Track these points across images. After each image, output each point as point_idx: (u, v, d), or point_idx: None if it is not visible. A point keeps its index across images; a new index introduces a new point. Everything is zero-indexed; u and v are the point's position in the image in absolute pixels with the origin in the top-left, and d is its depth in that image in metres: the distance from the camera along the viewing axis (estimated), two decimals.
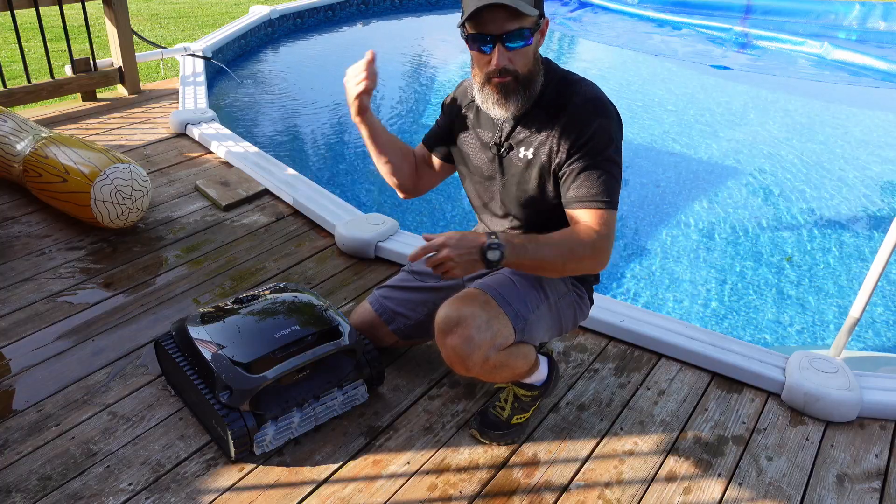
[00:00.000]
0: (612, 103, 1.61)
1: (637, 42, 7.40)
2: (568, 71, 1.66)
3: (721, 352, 2.12)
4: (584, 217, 1.58)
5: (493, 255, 1.49)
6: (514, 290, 1.64)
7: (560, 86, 1.62)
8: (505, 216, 1.79)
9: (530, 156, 1.64)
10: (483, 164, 1.75)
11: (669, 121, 5.16)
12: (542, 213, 1.70)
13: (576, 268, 1.60)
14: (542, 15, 1.54)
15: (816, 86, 6.28)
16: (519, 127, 1.66)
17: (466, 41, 1.55)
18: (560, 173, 1.61)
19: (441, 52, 6.66)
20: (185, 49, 4.90)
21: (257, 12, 6.34)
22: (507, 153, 1.69)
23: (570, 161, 1.58)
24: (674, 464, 1.80)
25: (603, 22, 8.26)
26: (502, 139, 1.68)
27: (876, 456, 1.85)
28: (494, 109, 1.60)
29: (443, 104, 1.85)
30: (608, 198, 1.57)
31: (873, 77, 6.49)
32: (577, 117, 1.57)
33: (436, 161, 1.90)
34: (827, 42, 6.98)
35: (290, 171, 3.25)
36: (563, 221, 1.64)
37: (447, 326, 1.56)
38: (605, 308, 2.29)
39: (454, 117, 1.81)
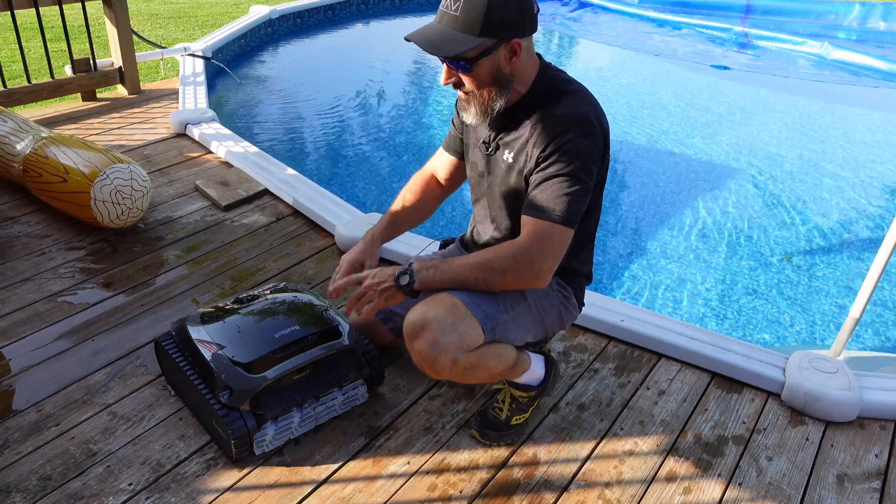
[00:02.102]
0: (597, 122, 1.55)
1: (637, 42, 7.40)
2: (567, 79, 1.62)
3: (721, 352, 2.12)
4: (526, 226, 1.57)
5: (403, 280, 1.60)
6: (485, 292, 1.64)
7: (552, 93, 1.59)
8: (489, 216, 1.79)
9: (511, 160, 1.64)
10: (478, 161, 1.76)
11: (669, 121, 5.16)
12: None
13: (504, 281, 1.59)
14: (502, 38, 1.49)
15: (816, 86, 6.28)
16: (506, 129, 1.66)
17: None
18: (529, 180, 1.60)
19: None
20: (185, 49, 4.90)
21: (257, 12, 6.34)
22: (495, 153, 1.69)
23: (537, 169, 1.57)
24: (674, 464, 1.80)
25: (603, 22, 8.26)
26: (491, 139, 1.69)
27: (876, 456, 1.85)
28: (462, 113, 1.65)
29: (456, 102, 1.86)
30: (557, 213, 1.52)
31: (873, 77, 6.49)
32: (554, 129, 1.54)
33: (457, 161, 1.90)
34: (827, 42, 6.98)
35: (290, 171, 3.25)
36: None
37: (413, 331, 1.57)
38: (605, 308, 2.29)
39: None
